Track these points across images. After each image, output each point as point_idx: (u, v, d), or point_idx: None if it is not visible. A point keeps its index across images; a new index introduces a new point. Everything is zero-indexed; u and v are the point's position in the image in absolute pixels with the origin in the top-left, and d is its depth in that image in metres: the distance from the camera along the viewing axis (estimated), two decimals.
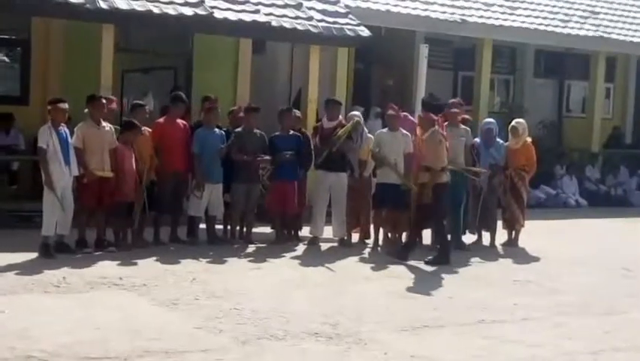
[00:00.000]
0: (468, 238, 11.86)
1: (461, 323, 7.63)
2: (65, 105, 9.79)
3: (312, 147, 11.54)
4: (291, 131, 11.41)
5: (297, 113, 12.11)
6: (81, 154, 9.89)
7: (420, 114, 11.04)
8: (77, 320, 7.06)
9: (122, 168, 10.13)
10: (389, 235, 11.55)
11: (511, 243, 12.11)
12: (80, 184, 9.91)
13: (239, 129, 11.22)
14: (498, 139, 12.07)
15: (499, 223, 12.10)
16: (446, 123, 11.63)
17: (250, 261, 10.16)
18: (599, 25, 19.40)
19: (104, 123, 10.19)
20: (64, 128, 9.77)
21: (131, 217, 10.35)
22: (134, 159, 10.27)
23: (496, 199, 11.94)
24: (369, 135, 11.61)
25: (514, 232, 12.16)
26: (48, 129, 9.63)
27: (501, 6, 18.31)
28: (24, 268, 8.94)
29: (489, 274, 10.10)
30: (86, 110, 10.14)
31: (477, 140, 12.08)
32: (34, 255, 9.53)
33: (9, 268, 8.89)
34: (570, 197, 18.11)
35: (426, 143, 10.50)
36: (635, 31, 20.03)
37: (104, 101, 10.27)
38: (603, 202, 18.29)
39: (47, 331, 6.67)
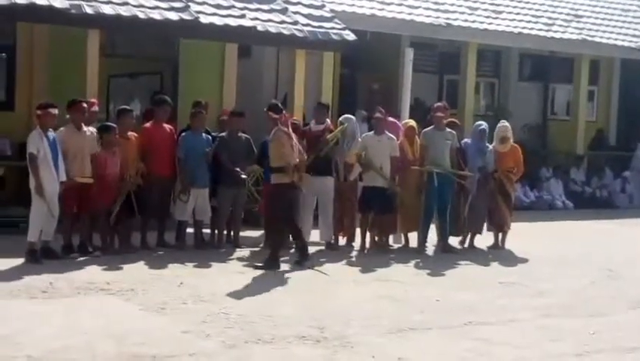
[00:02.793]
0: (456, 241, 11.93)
1: (448, 325, 7.67)
2: (56, 110, 9.75)
3: None
4: None
5: (296, 120, 12.16)
6: (63, 159, 9.86)
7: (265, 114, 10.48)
8: (64, 326, 7.05)
9: (103, 173, 10.11)
10: (376, 238, 11.59)
11: (498, 245, 12.17)
12: (64, 189, 9.89)
13: (223, 134, 11.24)
14: (487, 144, 12.13)
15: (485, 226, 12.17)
16: (432, 127, 11.74)
17: (238, 265, 10.16)
18: (582, 29, 19.53)
19: (85, 128, 10.17)
20: (52, 134, 9.75)
21: (119, 221, 10.35)
22: (118, 164, 10.27)
23: (484, 202, 11.99)
24: (358, 139, 11.65)
25: (501, 234, 12.21)
26: (38, 135, 9.59)
27: (485, 10, 18.42)
28: (10, 274, 8.91)
29: (476, 277, 10.15)
30: (68, 116, 10.12)
31: (467, 140, 12.18)
32: (20, 260, 9.50)
33: None
34: (556, 199, 18.25)
35: (270, 143, 10.15)
36: (618, 34, 20.17)
37: (84, 105, 10.25)
38: (588, 204, 18.41)
39: (34, 336, 6.66)
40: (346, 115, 11.96)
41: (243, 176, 11.05)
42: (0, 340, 6.54)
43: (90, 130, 10.22)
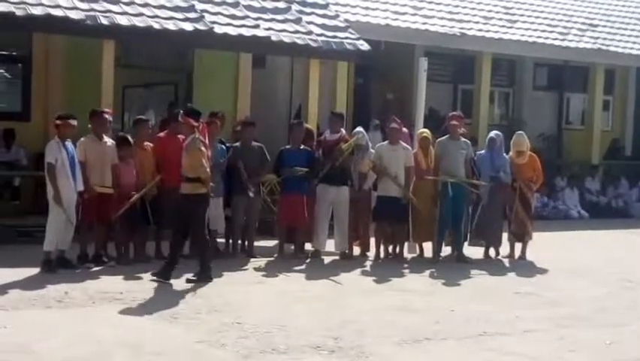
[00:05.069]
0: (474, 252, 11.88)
1: (463, 335, 7.62)
2: (75, 122, 9.84)
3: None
4: (302, 146, 11.43)
5: (310, 127, 12.18)
6: (83, 169, 9.93)
7: (180, 119, 9.86)
8: (79, 335, 7.06)
9: (118, 183, 10.16)
10: (389, 248, 11.57)
11: (514, 255, 12.09)
12: (82, 199, 9.94)
13: (237, 144, 11.27)
14: (504, 154, 12.07)
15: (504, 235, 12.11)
16: (447, 136, 11.71)
17: (252, 275, 10.17)
18: (597, 38, 19.48)
19: (105, 138, 10.24)
20: (70, 144, 9.81)
21: (135, 230, 10.38)
22: (134, 174, 10.31)
23: (498, 212, 11.93)
24: (372, 150, 11.65)
25: (521, 244, 12.14)
26: (57, 144, 9.67)
27: (500, 19, 18.42)
28: (26, 284, 8.95)
29: (491, 287, 10.10)
30: (90, 126, 10.19)
31: (482, 152, 12.15)
32: (36, 270, 9.54)
33: (11, 283, 8.89)
34: (572, 209, 18.17)
35: (185, 150, 9.56)
36: (634, 43, 20.12)
37: (106, 116, 10.31)
38: (604, 214, 18.32)
39: (49, 346, 6.67)
40: (359, 128, 11.93)
41: (251, 194, 10.98)
42: (16, 349, 6.55)
43: (110, 140, 10.29)
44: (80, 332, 7.16)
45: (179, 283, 9.30)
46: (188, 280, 9.35)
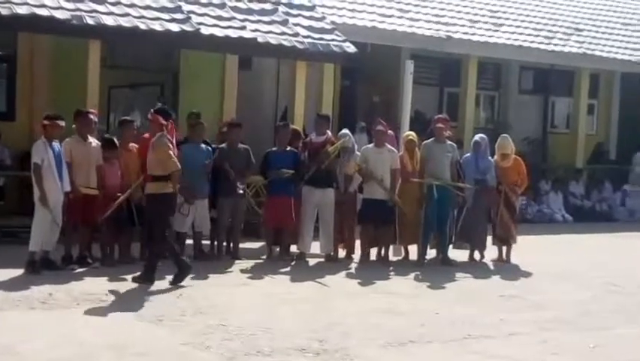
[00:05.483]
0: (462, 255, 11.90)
1: (448, 338, 7.64)
2: (63, 123, 9.79)
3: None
4: (289, 148, 11.42)
5: (296, 127, 12.17)
6: (69, 169, 9.88)
7: (149, 117, 9.78)
8: (63, 336, 7.03)
9: (103, 184, 10.13)
10: (374, 250, 11.57)
11: (502, 259, 12.12)
12: (68, 199, 9.89)
13: (223, 145, 11.26)
14: (489, 157, 12.11)
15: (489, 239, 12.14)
16: (432, 139, 11.73)
17: (237, 277, 10.15)
18: (582, 42, 19.59)
19: (90, 139, 10.20)
20: (57, 144, 9.77)
21: (120, 232, 10.34)
22: (119, 175, 10.27)
23: (483, 215, 11.97)
24: (357, 152, 11.67)
25: (505, 248, 12.18)
26: (43, 145, 9.62)
27: (486, 23, 18.49)
28: (10, 285, 8.90)
29: (476, 290, 10.13)
30: (74, 126, 10.14)
31: (467, 155, 12.17)
32: (19, 271, 9.48)
33: None
34: (556, 212, 18.24)
35: (152, 148, 9.44)
36: (619, 47, 20.24)
37: (91, 116, 10.27)
38: (588, 218, 18.41)
39: (33, 347, 6.63)
40: (344, 131, 11.94)
41: (240, 191, 11.05)
42: (0, 350, 6.54)
43: (95, 141, 10.25)
44: (64, 333, 7.13)
45: (163, 285, 9.27)
46: (171, 283, 9.32)
